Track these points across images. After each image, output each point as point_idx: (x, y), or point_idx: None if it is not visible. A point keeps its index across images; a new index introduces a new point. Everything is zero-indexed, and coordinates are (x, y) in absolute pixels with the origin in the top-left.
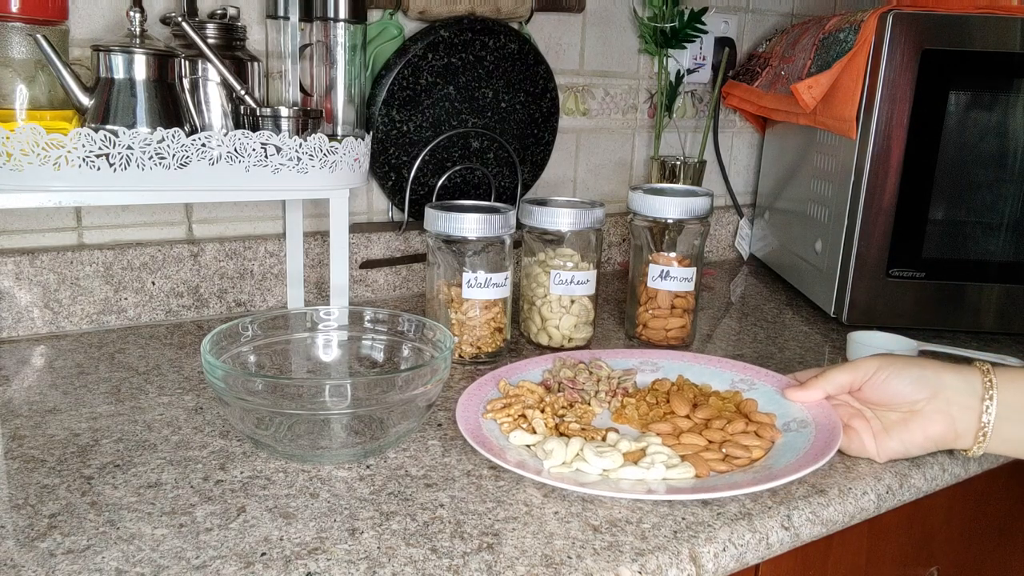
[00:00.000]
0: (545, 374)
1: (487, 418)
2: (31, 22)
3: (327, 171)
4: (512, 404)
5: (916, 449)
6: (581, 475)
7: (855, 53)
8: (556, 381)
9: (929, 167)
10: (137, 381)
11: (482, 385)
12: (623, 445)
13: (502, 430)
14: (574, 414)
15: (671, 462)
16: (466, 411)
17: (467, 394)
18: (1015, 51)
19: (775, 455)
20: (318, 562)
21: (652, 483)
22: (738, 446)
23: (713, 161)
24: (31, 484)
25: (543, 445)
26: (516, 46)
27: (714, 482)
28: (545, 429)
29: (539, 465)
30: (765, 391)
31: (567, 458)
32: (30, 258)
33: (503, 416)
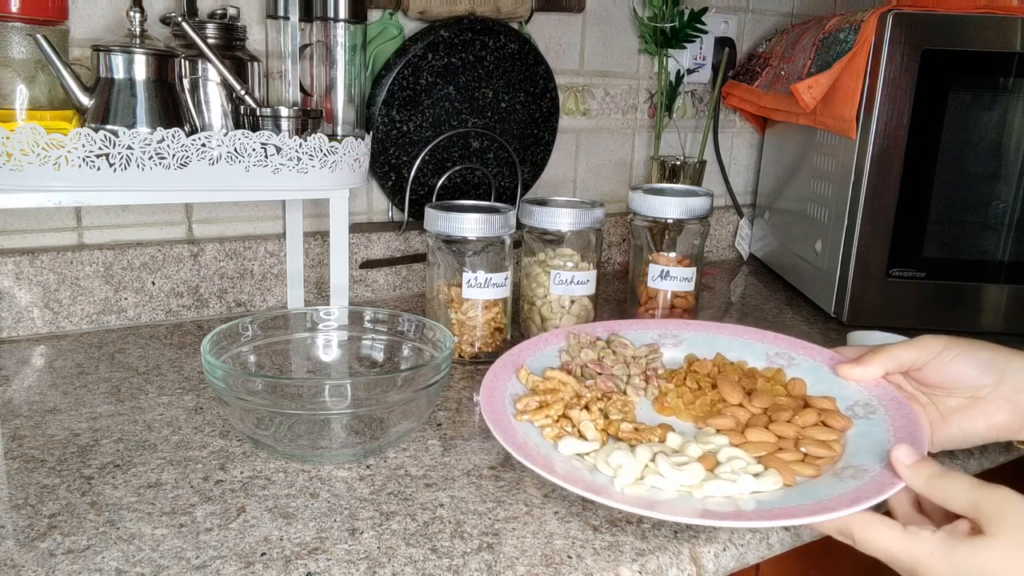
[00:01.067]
0: (563, 355)
1: (521, 420)
2: (31, 22)
3: (327, 171)
4: (550, 404)
5: (976, 439)
6: (657, 492)
7: (855, 53)
8: (578, 365)
9: (929, 167)
10: (137, 381)
11: (499, 375)
12: (692, 450)
13: (545, 436)
14: (616, 408)
15: (752, 469)
16: (495, 414)
17: (487, 390)
18: (1015, 51)
19: (855, 450)
20: (318, 562)
21: (742, 500)
22: (816, 443)
23: (713, 161)
24: (31, 484)
25: (603, 456)
26: (516, 46)
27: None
28: (597, 433)
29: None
30: (809, 367)
31: (639, 473)
32: (30, 258)
33: (541, 418)
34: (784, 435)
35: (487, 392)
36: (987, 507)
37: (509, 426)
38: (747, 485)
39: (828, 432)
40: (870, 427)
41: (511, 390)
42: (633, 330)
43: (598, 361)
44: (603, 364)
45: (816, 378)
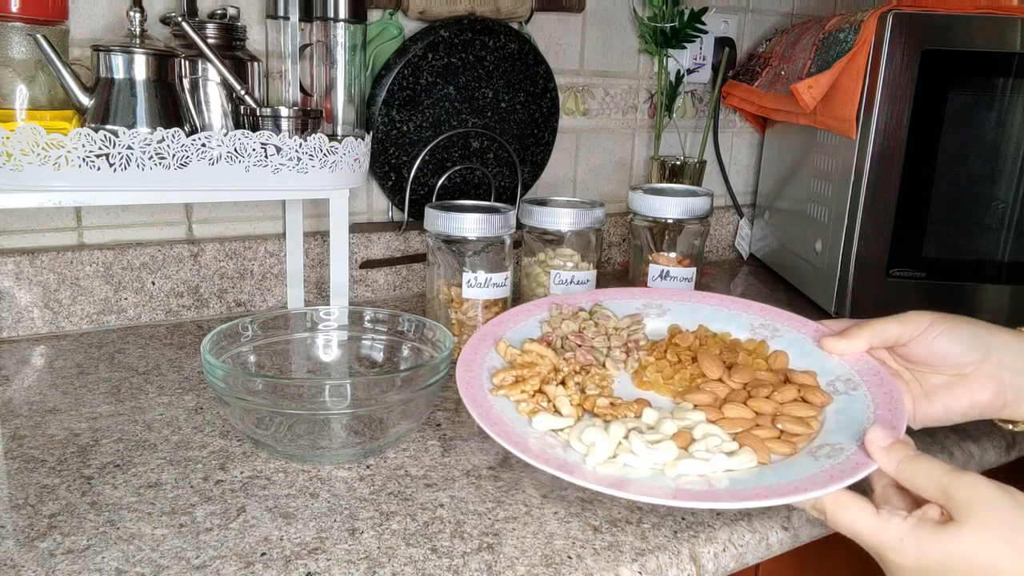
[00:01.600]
0: (544, 326)
1: (497, 395)
2: (31, 22)
3: (327, 171)
4: (526, 378)
5: (959, 416)
6: (630, 471)
7: (855, 53)
8: (559, 336)
9: (929, 167)
10: (137, 381)
11: (477, 347)
12: (667, 426)
13: (520, 411)
14: (593, 381)
15: (727, 447)
16: (471, 388)
17: (464, 363)
18: (1015, 51)
19: (833, 427)
20: (318, 562)
21: (715, 478)
22: (794, 419)
23: (713, 161)
24: (31, 484)
25: (576, 432)
26: (516, 46)
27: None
28: (572, 409)
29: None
30: (793, 339)
31: (611, 451)
32: (30, 258)
33: (517, 393)
34: (762, 411)
35: (464, 366)
36: (956, 494)
37: (484, 401)
38: (720, 464)
39: (806, 408)
40: (850, 403)
41: (489, 363)
42: (617, 299)
43: (579, 333)
44: (584, 336)
45: (799, 351)
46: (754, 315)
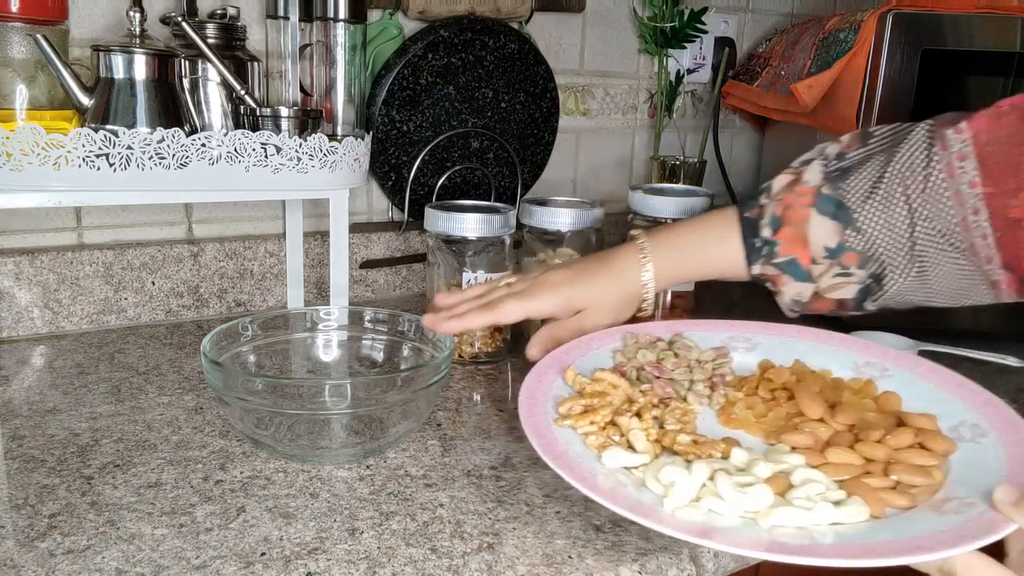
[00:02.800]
0: (617, 356)
1: (563, 426)
2: (31, 22)
3: (327, 171)
4: (596, 408)
5: None
6: (715, 518)
7: (855, 53)
8: (634, 367)
9: None
10: (137, 381)
11: (542, 375)
12: (760, 469)
13: (587, 444)
14: (673, 417)
15: (832, 495)
16: (533, 416)
17: (527, 390)
18: (1015, 51)
19: (959, 479)
20: (318, 562)
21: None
22: (912, 468)
23: (713, 161)
24: (31, 484)
25: (653, 471)
26: (516, 46)
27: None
28: (647, 444)
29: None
30: (905, 379)
31: (694, 493)
32: (30, 258)
33: (585, 424)
34: (872, 457)
35: (528, 393)
36: None
37: (548, 432)
38: (825, 515)
39: (926, 456)
40: (979, 453)
41: (555, 392)
42: (699, 331)
43: (657, 364)
44: (662, 367)
45: (913, 393)
46: (857, 352)
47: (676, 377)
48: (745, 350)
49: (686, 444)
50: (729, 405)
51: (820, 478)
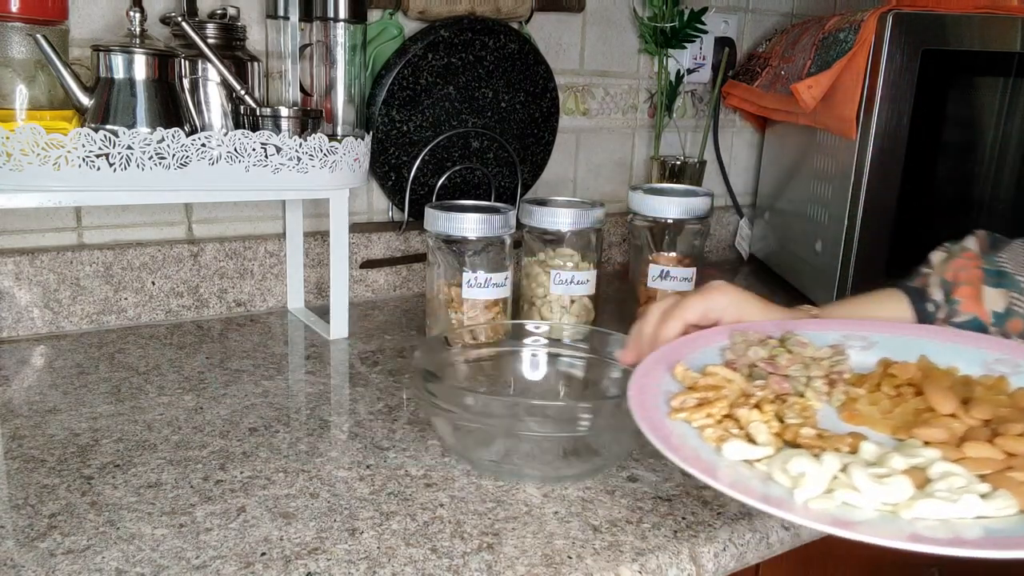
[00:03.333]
0: (726, 353)
1: (676, 419)
2: (31, 22)
3: (327, 171)
4: (712, 402)
5: None
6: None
7: (855, 53)
8: (745, 364)
9: (929, 167)
10: (137, 381)
11: (650, 371)
12: (896, 462)
13: (704, 438)
14: (793, 412)
15: (976, 489)
16: (646, 410)
17: (636, 386)
18: (1015, 51)
19: None
20: (318, 562)
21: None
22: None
23: (713, 161)
24: (31, 484)
25: (779, 463)
26: (516, 46)
27: None
28: (769, 437)
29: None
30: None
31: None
32: (30, 258)
33: (701, 417)
34: (1015, 452)
35: (637, 389)
36: None
37: (663, 426)
38: (972, 507)
39: None
40: None
41: (664, 387)
42: (811, 330)
43: (770, 360)
44: (776, 364)
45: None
46: (986, 349)
47: (792, 373)
48: (861, 348)
49: (810, 437)
50: (851, 401)
51: (960, 472)
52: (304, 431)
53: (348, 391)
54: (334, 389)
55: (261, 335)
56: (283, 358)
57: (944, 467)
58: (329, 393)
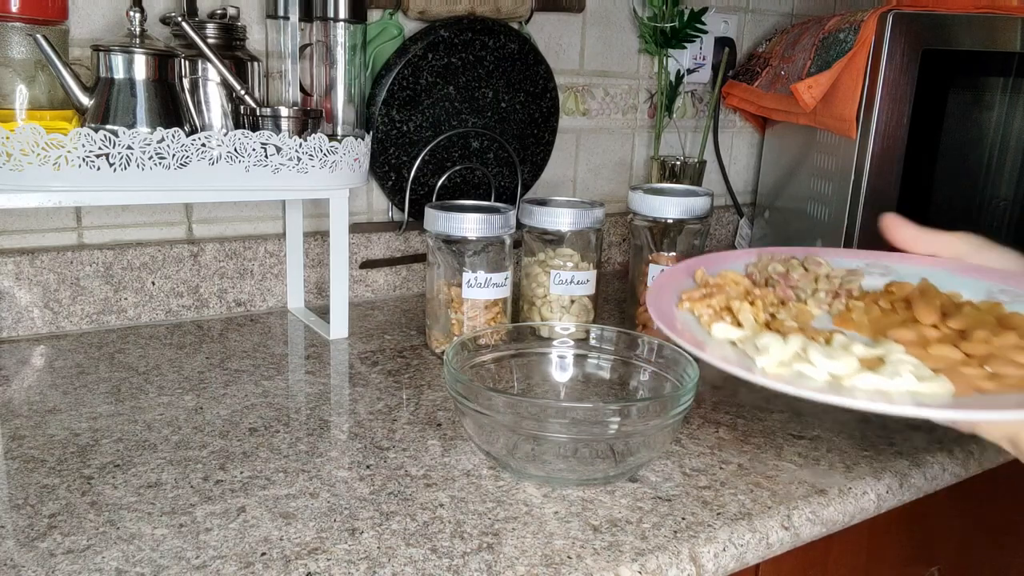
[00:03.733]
0: (750, 268)
1: (683, 308)
2: (31, 22)
3: (327, 171)
4: (714, 295)
5: None
6: (804, 379)
7: (855, 53)
8: (764, 276)
9: (929, 167)
10: (137, 381)
11: (674, 274)
12: (857, 349)
13: (702, 323)
14: (788, 313)
15: (921, 373)
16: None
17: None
18: (1015, 51)
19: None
20: (318, 562)
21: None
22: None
23: (713, 161)
24: (31, 484)
25: (754, 340)
26: (516, 46)
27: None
28: (755, 324)
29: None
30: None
31: (785, 357)
32: (30, 258)
33: (703, 307)
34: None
35: (657, 285)
36: None
37: (669, 312)
38: (907, 384)
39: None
40: None
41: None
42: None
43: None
44: (789, 276)
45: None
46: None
47: (800, 285)
48: (880, 274)
49: (792, 329)
50: (847, 312)
51: (913, 361)
52: (304, 431)
53: (348, 391)
54: (334, 389)
55: (261, 335)
56: (283, 358)
57: (900, 357)
58: (329, 393)
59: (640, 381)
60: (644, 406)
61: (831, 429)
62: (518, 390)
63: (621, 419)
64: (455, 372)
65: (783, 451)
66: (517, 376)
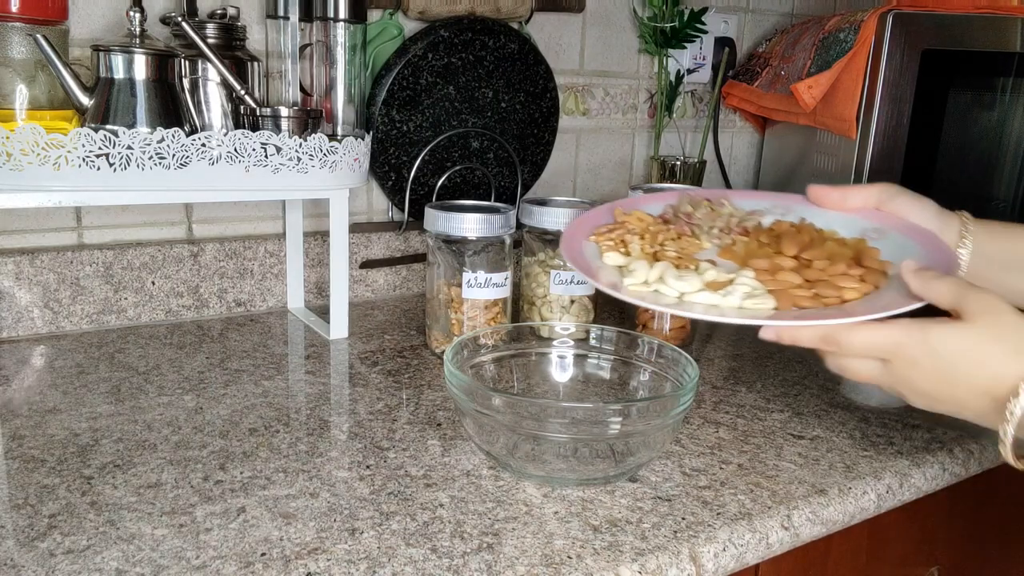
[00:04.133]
0: (667, 208)
1: (591, 240)
2: (31, 22)
3: (327, 171)
4: (616, 229)
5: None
6: (659, 296)
7: (855, 53)
8: (675, 215)
9: (929, 167)
10: (137, 381)
11: (598, 213)
12: (709, 275)
13: (600, 251)
14: (677, 245)
15: (754, 292)
16: (573, 233)
17: (580, 219)
18: (1015, 51)
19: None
20: (318, 562)
21: (725, 310)
22: (831, 285)
23: (713, 161)
24: (31, 484)
25: (630, 266)
26: (516, 46)
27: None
28: (640, 253)
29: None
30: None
31: (649, 278)
32: (30, 258)
33: (605, 240)
34: (810, 278)
35: (577, 222)
36: (968, 302)
37: (577, 244)
38: (735, 300)
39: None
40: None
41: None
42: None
43: (690, 213)
44: (693, 215)
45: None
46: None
47: (699, 223)
48: (780, 215)
49: (670, 258)
50: (732, 245)
51: (754, 284)
52: (304, 431)
53: (348, 391)
54: (334, 389)
55: (261, 335)
56: (283, 358)
57: (744, 280)
58: (329, 393)
59: (640, 381)
60: (644, 406)
61: (831, 429)
62: (518, 390)
63: (621, 419)
64: (455, 372)
65: (783, 451)
66: (517, 376)
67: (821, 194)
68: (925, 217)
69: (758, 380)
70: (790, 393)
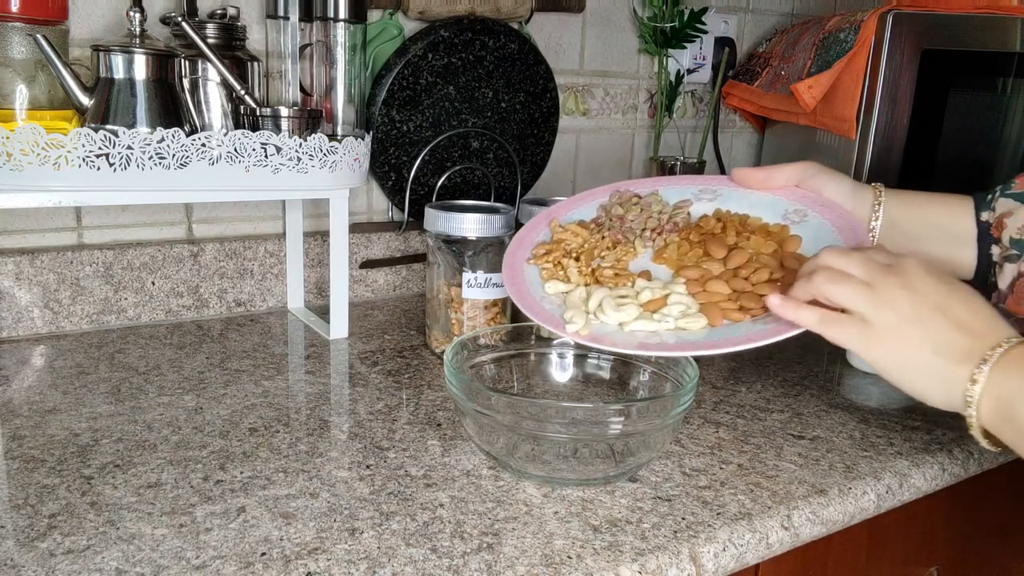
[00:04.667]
0: (599, 211)
1: (531, 263)
2: (31, 22)
3: (327, 171)
4: (552, 251)
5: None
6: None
7: (855, 53)
8: (608, 218)
9: (929, 167)
10: (137, 381)
11: (535, 225)
12: (644, 295)
13: (542, 278)
14: (613, 257)
15: (688, 311)
16: (514, 257)
17: (518, 239)
18: (1015, 51)
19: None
20: (318, 562)
21: (665, 335)
22: (754, 297)
23: (713, 161)
24: (31, 484)
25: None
26: (516, 46)
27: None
28: (579, 277)
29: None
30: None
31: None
32: (30, 258)
33: (544, 263)
34: (738, 288)
35: (518, 239)
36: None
37: (519, 269)
38: (671, 324)
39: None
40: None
41: (541, 238)
42: (675, 186)
43: (622, 217)
44: (625, 219)
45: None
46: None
47: (633, 227)
48: (708, 200)
49: (609, 276)
50: (664, 248)
51: (687, 301)
52: (304, 431)
53: (348, 391)
54: (334, 389)
55: (261, 335)
56: (283, 358)
57: (679, 297)
58: (329, 393)
59: (640, 381)
60: (644, 406)
61: (831, 429)
62: (518, 390)
63: (621, 419)
64: (455, 372)
65: (783, 451)
66: (517, 376)
67: (745, 175)
68: (841, 192)
69: (758, 380)
70: (790, 393)
